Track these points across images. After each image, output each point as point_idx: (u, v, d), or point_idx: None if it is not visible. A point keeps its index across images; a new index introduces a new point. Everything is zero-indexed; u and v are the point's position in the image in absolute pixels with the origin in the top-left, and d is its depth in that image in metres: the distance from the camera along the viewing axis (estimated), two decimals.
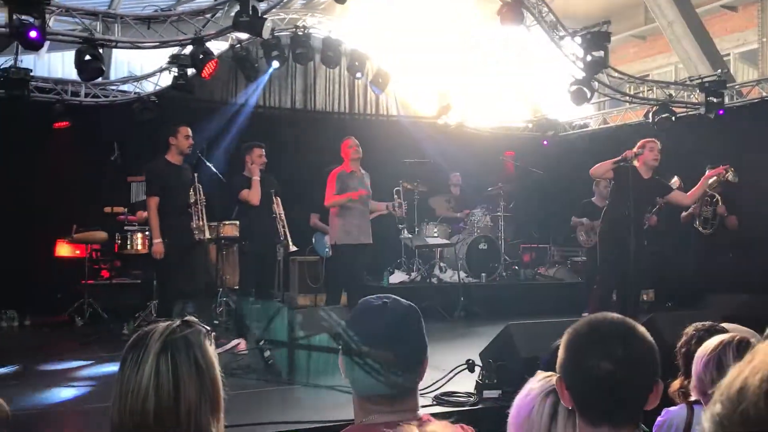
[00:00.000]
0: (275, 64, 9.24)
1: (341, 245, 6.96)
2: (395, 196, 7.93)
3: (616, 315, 1.60)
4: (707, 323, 2.87)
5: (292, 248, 6.82)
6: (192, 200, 6.71)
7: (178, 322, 1.53)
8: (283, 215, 6.76)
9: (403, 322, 1.63)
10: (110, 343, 6.77)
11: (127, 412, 1.42)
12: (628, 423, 1.53)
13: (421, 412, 1.67)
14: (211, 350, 1.54)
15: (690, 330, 2.85)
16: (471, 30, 11.45)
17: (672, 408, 2.69)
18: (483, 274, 9.62)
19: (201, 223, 6.82)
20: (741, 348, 2.35)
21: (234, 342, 6.32)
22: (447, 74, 11.41)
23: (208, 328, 1.57)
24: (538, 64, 10.92)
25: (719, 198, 8.08)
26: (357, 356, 1.61)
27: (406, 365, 1.61)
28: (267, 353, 5.51)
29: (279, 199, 6.81)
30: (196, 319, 1.58)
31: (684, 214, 8.26)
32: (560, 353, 1.59)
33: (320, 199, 7.82)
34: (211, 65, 7.44)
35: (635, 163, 6.53)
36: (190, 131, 6.50)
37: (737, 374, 0.71)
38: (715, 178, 7.67)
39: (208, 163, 7.97)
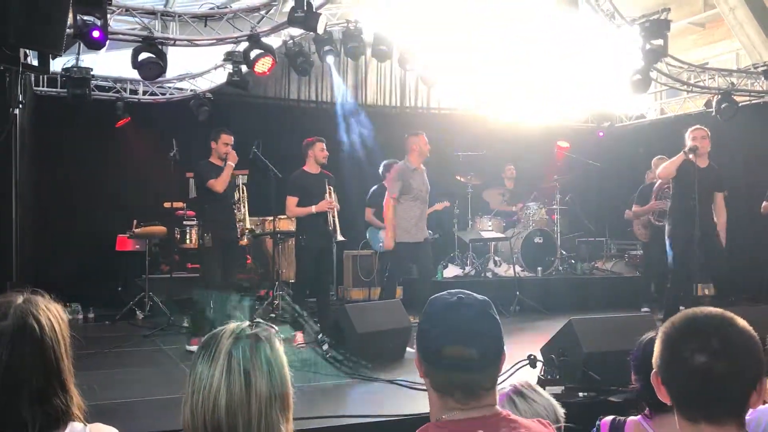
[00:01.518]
0: (330, 59, 9.26)
1: (400, 243, 6.89)
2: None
3: (714, 308, 1.55)
4: None
5: (340, 238, 6.81)
6: (236, 198, 6.78)
7: (247, 322, 1.57)
8: (336, 206, 6.76)
9: (480, 317, 1.61)
10: (172, 336, 6.93)
11: (200, 408, 1.45)
12: (729, 420, 1.46)
13: (502, 409, 1.64)
14: (281, 349, 1.56)
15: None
16: (524, 23, 11.28)
17: (761, 407, 2.59)
18: (539, 268, 9.50)
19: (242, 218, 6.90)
20: None
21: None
22: (501, 67, 11.25)
23: (276, 328, 1.59)
24: (595, 54, 10.69)
25: None
26: (436, 354, 1.58)
27: (486, 360, 1.58)
28: (325, 347, 5.55)
29: (332, 189, 6.81)
30: (265, 321, 1.60)
31: (766, 203, 7.86)
32: (656, 347, 1.55)
33: (376, 195, 7.86)
34: (268, 62, 7.47)
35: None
36: (231, 139, 6.65)
37: None
38: None
39: (263, 159, 8.05)
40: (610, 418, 2.47)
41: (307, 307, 7.54)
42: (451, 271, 9.41)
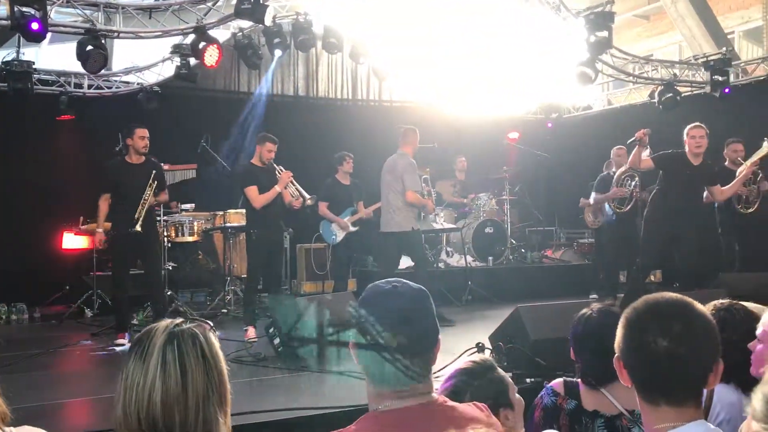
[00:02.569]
0: (278, 52, 9.19)
1: (418, 231, 7.25)
2: (424, 185, 7.89)
3: (674, 294, 1.60)
4: (726, 301, 2.83)
5: (309, 197, 6.87)
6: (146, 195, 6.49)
7: (181, 318, 1.56)
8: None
9: (414, 305, 1.62)
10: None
11: (133, 405, 1.43)
12: (688, 402, 1.51)
13: (435, 394, 1.66)
14: (217, 344, 1.55)
15: (710, 309, 2.83)
16: (471, 16, 11.37)
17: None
18: (490, 258, 9.63)
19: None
20: None
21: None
22: (450, 60, 11.33)
23: (211, 323, 1.59)
24: (542, 47, 10.84)
25: (762, 174, 7.60)
26: (369, 342, 1.59)
27: (420, 348, 1.59)
28: (276, 341, 5.53)
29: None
30: (199, 317, 1.59)
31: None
32: (618, 332, 1.59)
33: (326, 186, 7.85)
34: (215, 53, 7.39)
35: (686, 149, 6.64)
36: (146, 132, 6.51)
37: None
38: (761, 153, 7.34)
39: (212, 152, 7.98)
40: (560, 380, 2.54)
41: (260, 301, 7.52)
42: (403, 263, 9.44)
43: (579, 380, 2.44)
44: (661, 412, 1.51)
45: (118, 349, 6.07)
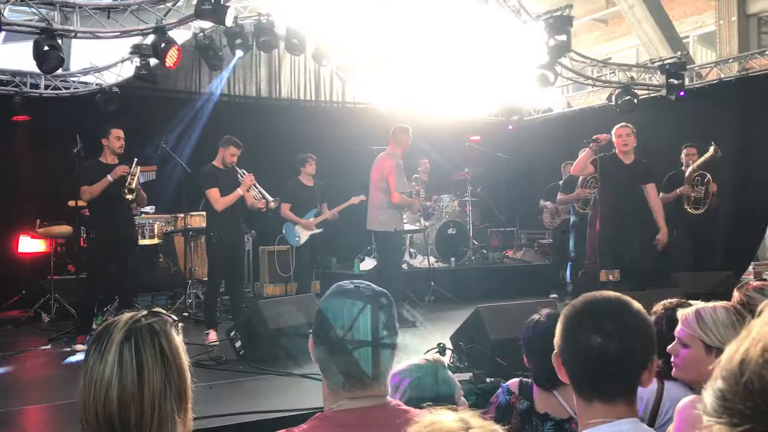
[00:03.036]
0: (239, 52, 9.14)
1: (399, 233, 7.31)
2: (413, 183, 7.96)
3: (612, 292, 1.62)
4: (675, 300, 2.89)
5: (273, 198, 6.85)
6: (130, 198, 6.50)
7: (143, 312, 1.52)
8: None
9: (374, 306, 1.62)
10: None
11: (92, 403, 1.42)
12: (621, 399, 1.52)
13: (391, 399, 1.66)
14: (178, 339, 1.52)
15: (659, 308, 2.88)
16: (437, 16, 11.45)
17: None
18: (452, 259, 9.71)
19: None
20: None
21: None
22: (413, 62, 11.39)
23: (175, 318, 1.57)
24: (503, 50, 10.97)
25: (710, 177, 7.90)
26: (327, 340, 1.60)
27: (376, 350, 1.59)
28: (238, 344, 5.51)
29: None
30: (162, 310, 1.57)
31: (665, 194, 8.17)
32: (557, 330, 1.61)
33: (289, 187, 7.84)
34: (175, 54, 7.33)
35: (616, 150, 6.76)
36: (122, 133, 6.48)
37: (736, 348, 0.71)
38: (706, 156, 7.74)
39: (172, 154, 7.90)
40: (517, 379, 2.58)
41: (221, 304, 7.48)
42: (367, 264, 9.49)
43: (532, 383, 2.48)
44: (593, 408, 1.52)
45: (78, 352, 5.97)
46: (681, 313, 2.29)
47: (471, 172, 10.24)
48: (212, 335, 6.29)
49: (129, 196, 6.34)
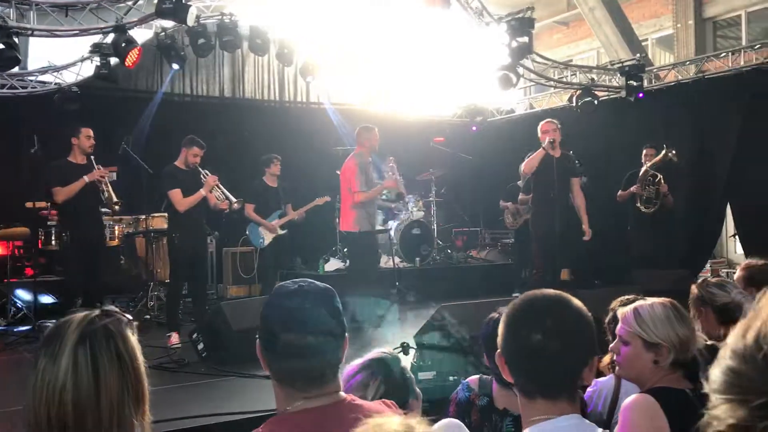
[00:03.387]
0: (175, 66, 9.11)
1: (366, 232, 7.21)
2: (391, 173, 8.00)
3: (552, 290, 1.64)
4: (631, 297, 2.93)
5: (236, 199, 6.81)
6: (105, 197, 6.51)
7: (97, 312, 1.49)
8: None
9: (319, 304, 1.61)
10: (37, 343, 6.54)
11: (44, 407, 1.37)
12: (563, 396, 1.53)
13: (345, 394, 1.66)
14: (134, 340, 1.49)
15: (616, 305, 2.91)
16: (400, 18, 11.50)
17: (601, 379, 2.78)
18: (417, 259, 9.75)
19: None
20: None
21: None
22: (377, 62, 11.41)
23: (130, 317, 1.53)
24: (467, 51, 11.06)
25: (661, 177, 8.15)
26: (274, 342, 1.58)
27: (324, 348, 1.58)
28: (200, 346, 5.46)
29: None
30: (117, 309, 1.54)
31: (621, 192, 8.44)
32: (500, 328, 1.62)
33: (253, 188, 7.80)
34: (135, 53, 7.24)
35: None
36: (92, 132, 6.46)
37: (747, 327, 0.75)
38: (658, 158, 8.02)
39: (133, 155, 7.79)
40: (477, 376, 2.60)
41: (184, 306, 7.40)
42: (332, 265, 9.47)
43: (493, 378, 2.51)
44: (536, 405, 1.54)
45: None
46: (621, 311, 2.34)
47: (435, 172, 10.30)
48: (174, 338, 6.21)
49: (117, 207, 6.37)
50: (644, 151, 8.33)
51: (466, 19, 8.57)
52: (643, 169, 8.15)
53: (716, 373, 0.71)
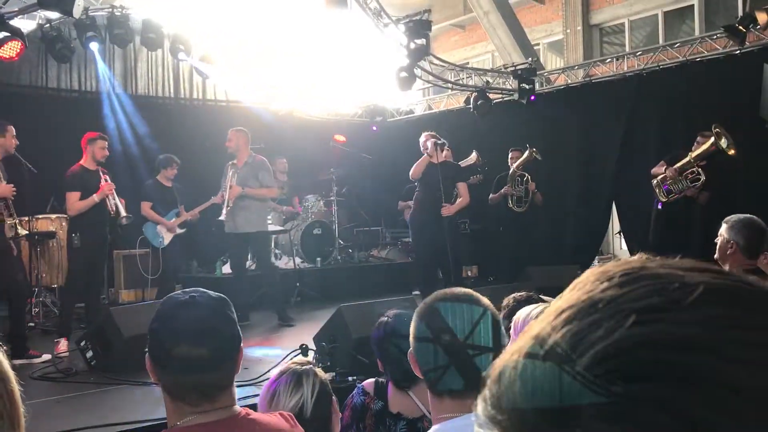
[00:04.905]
0: (94, 45, 8.66)
1: (230, 234, 7.40)
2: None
3: (462, 289, 1.68)
4: (524, 293, 3.01)
5: (124, 213, 6.66)
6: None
7: None
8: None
9: (212, 315, 1.56)
10: None
11: None
12: (471, 394, 1.55)
13: (238, 406, 1.61)
14: (6, 362, 1.39)
15: (509, 301, 2.96)
16: (301, 16, 11.41)
17: None
18: (318, 259, 9.71)
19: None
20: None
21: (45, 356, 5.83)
22: (278, 61, 11.28)
23: None
24: (367, 52, 11.11)
25: (529, 177, 8.64)
26: (166, 356, 1.52)
27: (219, 360, 1.54)
28: (89, 354, 5.21)
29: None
30: None
31: (493, 195, 8.80)
32: (411, 328, 1.64)
33: (148, 187, 7.56)
34: (16, 46, 6.82)
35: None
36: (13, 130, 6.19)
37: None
38: (523, 158, 8.43)
39: (16, 154, 7.34)
40: (372, 380, 2.61)
41: (74, 312, 7.05)
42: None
43: (389, 381, 2.52)
44: (445, 403, 1.57)
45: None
46: (515, 318, 2.41)
47: (336, 172, 10.29)
48: (62, 344, 5.91)
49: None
50: (510, 154, 8.80)
51: (365, 19, 8.61)
52: (511, 170, 8.53)
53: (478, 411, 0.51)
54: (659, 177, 7.36)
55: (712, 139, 6.88)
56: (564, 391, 0.42)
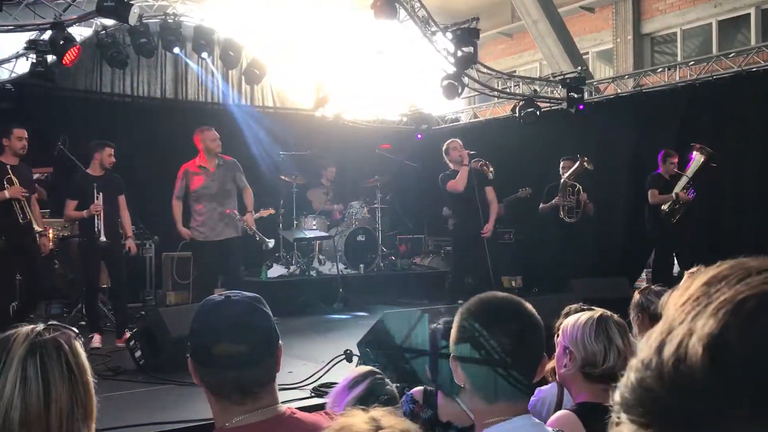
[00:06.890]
0: (148, 53, 8.89)
1: (203, 242, 7.21)
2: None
3: (504, 293, 1.68)
4: (580, 304, 2.98)
5: (103, 238, 6.56)
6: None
7: (43, 325, 1.43)
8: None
9: (248, 311, 1.58)
10: None
11: None
12: (523, 397, 1.58)
13: (284, 406, 1.62)
14: (83, 353, 1.45)
15: (567, 311, 2.96)
16: (349, 22, 11.51)
17: (544, 387, 2.82)
18: (361, 265, 9.73)
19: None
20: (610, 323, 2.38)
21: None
22: (324, 66, 11.39)
23: (77, 330, 1.49)
24: (413, 59, 11.13)
25: (580, 187, 8.49)
26: (207, 354, 1.54)
27: (259, 355, 1.55)
28: (138, 353, 5.32)
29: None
30: (61, 322, 1.49)
31: (543, 205, 8.69)
32: (453, 332, 1.63)
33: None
34: (73, 52, 7.04)
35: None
36: (25, 133, 6.26)
37: (662, 339, 0.58)
38: (574, 168, 8.31)
39: (69, 155, 7.54)
40: (421, 388, 2.60)
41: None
42: (276, 271, 9.36)
43: (438, 390, 2.51)
44: (492, 407, 1.56)
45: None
46: (563, 325, 2.38)
47: (380, 179, 10.31)
48: (96, 340, 6.07)
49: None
50: (561, 164, 8.68)
51: (412, 27, 8.62)
52: (562, 180, 8.41)
53: (622, 386, 0.59)
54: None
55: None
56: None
